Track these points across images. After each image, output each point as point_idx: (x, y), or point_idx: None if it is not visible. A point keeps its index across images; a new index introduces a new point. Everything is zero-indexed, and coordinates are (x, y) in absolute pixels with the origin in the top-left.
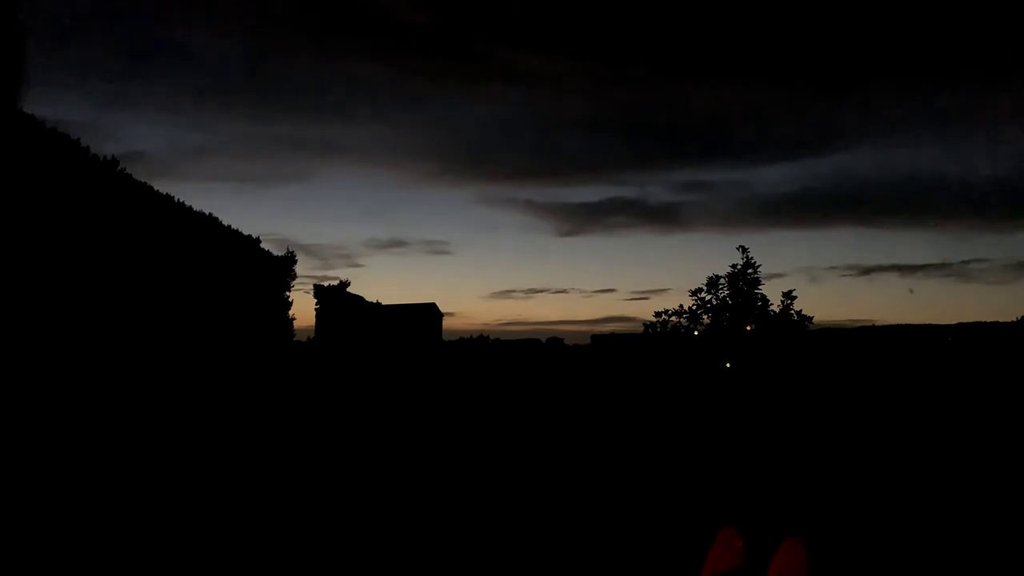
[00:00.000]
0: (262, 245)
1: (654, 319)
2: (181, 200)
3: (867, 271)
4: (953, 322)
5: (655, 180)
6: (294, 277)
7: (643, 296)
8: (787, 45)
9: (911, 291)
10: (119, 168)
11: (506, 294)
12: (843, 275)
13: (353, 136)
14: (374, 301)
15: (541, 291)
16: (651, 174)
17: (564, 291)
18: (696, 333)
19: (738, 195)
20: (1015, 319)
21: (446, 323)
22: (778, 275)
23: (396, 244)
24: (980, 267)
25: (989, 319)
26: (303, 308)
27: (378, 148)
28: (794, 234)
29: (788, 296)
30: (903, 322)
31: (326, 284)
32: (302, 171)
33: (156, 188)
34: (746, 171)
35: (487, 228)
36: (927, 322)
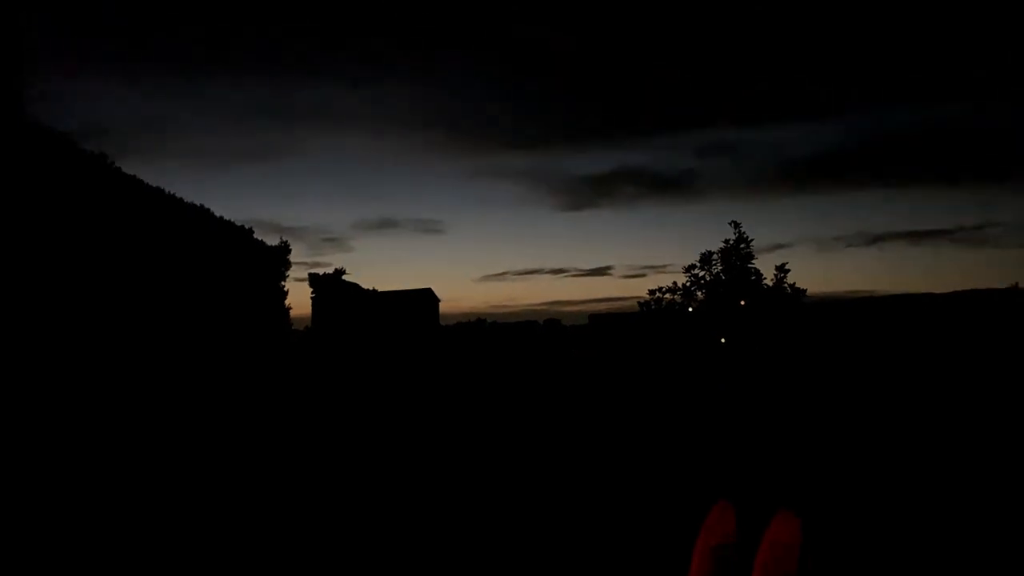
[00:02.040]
0: (255, 235)
1: (648, 297)
2: (172, 192)
3: (875, 239)
4: (964, 289)
5: (666, 144)
6: (289, 267)
7: (640, 273)
8: (804, 5)
9: None
10: (108, 161)
11: (500, 276)
12: (851, 245)
13: (335, 103)
14: (370, 288)
15: (536, 271)
16: (662, 137)
17: (561, 270)
18: (690, 310)
19: (751, 159)
20: (1007, 285)
21: (440, 307)
22: (782, 246)
23: (386, 224)
24: (995, 231)
25: (1004, 285)
26: (294, 296)
27: (362, 116)
28: (801, 201)
29: (781, 269)
30: (910, 291)
31: (321, 272)
32: (279, 145)
33: (136, 177)
34: (756, 133)
35: (483, 204)
36: (934, 291)
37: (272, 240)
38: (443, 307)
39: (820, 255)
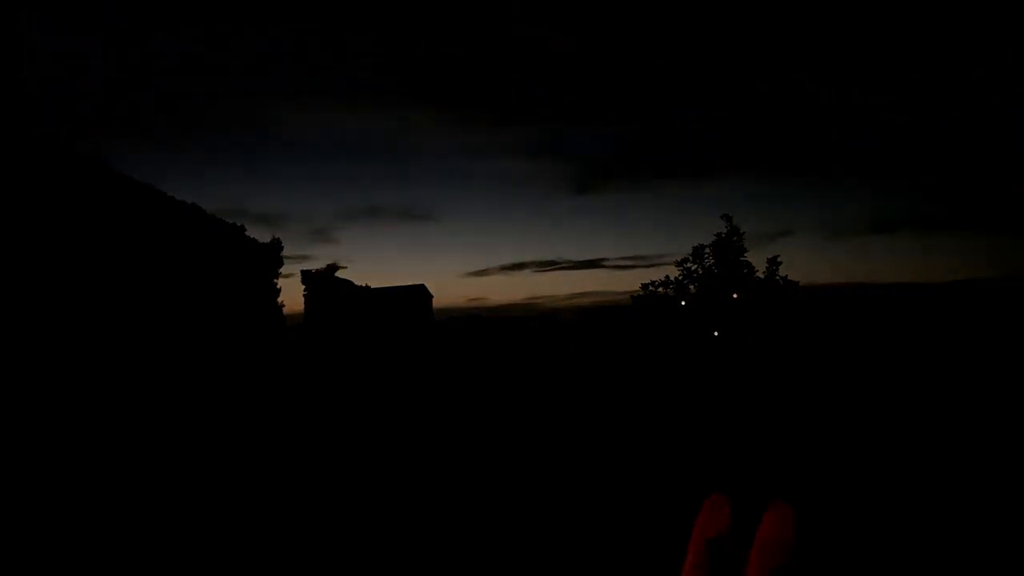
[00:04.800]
0: (246, 232)
1: (640, 291)
2: (162, 190)
3: (882, 228)
4: (957, 279)
5: (669, 126)
6: (281, 264)
7: (632, 265)
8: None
9: None
10: (100, 160)
11: (489, 270)
12: (857, 233)
13: (318, 79)
14: (363, 285)
15: (526, 264)
16: (666, 118)
17: (552, 263)
18: (683, 303)
19: (756, 143)
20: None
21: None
22: (787, 234)
23: (373, 212)
24: (1007, 220)
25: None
26: (282, 293)
27: (343, 86)
28: (807, 188)
29: (773, 262)
30: (915, 280)
31: (313, 269)
32: (249, 121)
33: (129, 176)
34: (758, 118)
35: (476, 188)
36: (943, 280)
37: (258, 234)
38: (434, 302)
39: (826, 244)
